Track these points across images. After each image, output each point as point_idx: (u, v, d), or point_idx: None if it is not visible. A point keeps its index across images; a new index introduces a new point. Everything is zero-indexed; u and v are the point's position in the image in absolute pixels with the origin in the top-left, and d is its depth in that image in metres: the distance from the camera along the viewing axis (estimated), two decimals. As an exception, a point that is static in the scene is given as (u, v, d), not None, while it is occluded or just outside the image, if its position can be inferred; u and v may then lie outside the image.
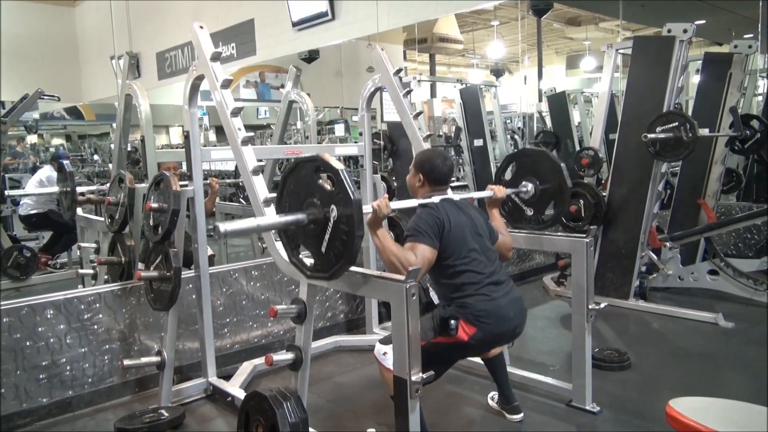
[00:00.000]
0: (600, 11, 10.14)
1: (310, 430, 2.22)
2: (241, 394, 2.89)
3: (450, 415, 2.84)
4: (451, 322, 2.25)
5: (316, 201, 1.94)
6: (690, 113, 4.80)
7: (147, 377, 3.22)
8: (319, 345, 3.71)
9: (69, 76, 10.58)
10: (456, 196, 2.54)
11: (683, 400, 1.83)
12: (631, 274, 4.46)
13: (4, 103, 8.18)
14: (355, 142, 3.80)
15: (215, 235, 1.86)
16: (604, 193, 4.60)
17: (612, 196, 4.57)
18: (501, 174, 3.20)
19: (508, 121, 9.86)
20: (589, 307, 2.75)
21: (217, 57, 2.73)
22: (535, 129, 9.13)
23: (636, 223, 4.43)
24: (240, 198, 6.84)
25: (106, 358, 3.10)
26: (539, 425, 2.71)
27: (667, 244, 4.59)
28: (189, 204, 3.01)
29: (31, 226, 6.20)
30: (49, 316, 2.92)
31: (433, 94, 9.22)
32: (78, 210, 4.26)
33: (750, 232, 5.31)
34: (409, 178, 2.59)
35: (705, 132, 4.18)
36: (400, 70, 3.40)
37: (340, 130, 10.50)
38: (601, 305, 2.81)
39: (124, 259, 3.47)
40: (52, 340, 2.93)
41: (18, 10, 9.74)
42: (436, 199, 2.44)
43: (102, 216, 4.14)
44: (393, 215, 4.05)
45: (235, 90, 9.33)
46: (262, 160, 2.60)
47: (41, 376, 2.90)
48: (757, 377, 3.19)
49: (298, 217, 1.96)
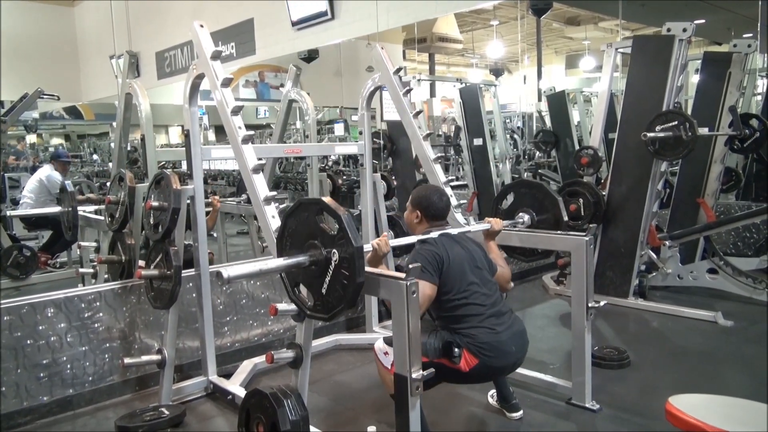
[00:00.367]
0: (599, 11, 10.16)
1: (311, 427, 2.23)
2: (241, 393, 2.89)
3: (450, 413, 2.84)
4: (455, 350, 2.27)
5: (318, 243, 1.95)
6: (689, 112, 4.81)
7: (147, 376, 3.22)
8: (319, 344, 3.71)
9: (68, 75, 10.59)
10: (454, 231, 2.55)
11: (682, 397, 1.83)
12: (630, 273, 4.47)
13: (3, 103, 8.18)
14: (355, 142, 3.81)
15: (218, 281, 1.87)
16: (604, 192, 4.60)
17: (611, 195, 4.58)
18: (498, 203, 3.23)
19: (508, 121, 9.86)
20: (589, 305, 2.76)
21: (217, 56, 2.74)
22: (534, 128, 9.15)
23: (635, 221, 4.44)
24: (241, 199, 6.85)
25: (106, 356, 3.10)
26: (539, 423, 2.72)
27: (667, 242, 4.60)
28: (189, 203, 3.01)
29: (31, 225, 6.20)
30: (49, 315, 2.92)
31: (432, 94, 9.24)
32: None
33: (749, 231, 5.32)
34: (407, 215, 2.62)
35: (704, 131, 4.18)
36: (400, 69, 3.40)
37: (339, 129, 10.51)
38: (601, 303, 2.82)
39: (125, 257, 3.47)
40: (52, 339, 2.93)
41: (18, 9, 9.74)
42: (434, 234, 2.45)
43: (102, 215, 4.14)
44: (393, 215, 4.07)
45: (235, 89, 9.33)
46: (262, 159, 2.60)
47: (42, 375, 2.90)
48: (757, 375, 3.19)
49: (300, 259, 1.97)
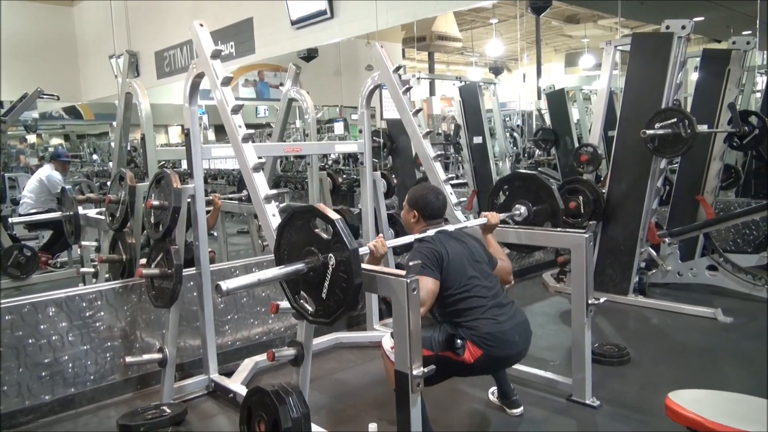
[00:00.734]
0: (598, 9, 10.16)
1: (312, 425, 2.23)
2: (242, 391, 2.90)
3: (451, 410, 2.85)
4: (458, 342, 2.28)
5: (314, 249, 1.96)
6: (688, 110, 4.82)
7: (149, 374, 3.23)
8: (320, 342, 3.71)
9: (68, 75, 10.58)
10: (450, 227, 2.56)
11: (682, 392, 1.84)
12: (630, 270, 4.48)
13: (3, 103, 8.18)
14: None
15: (217, 293, 1.87)
16: (604, 190, 4.61)
17: (611, 192, 4.59)
18: (494, 198, 3.23)
19: (507, 119, 9.87)
20: (589, 302, 2.77)
21: (217, 55, 2.74)
22: (534, 126, 9.16)
23: (635, 219, 4.45)
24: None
25: (107, 355, 3.11)
26: (540, 419, 2.73)
27: (666, 240, 4.61)
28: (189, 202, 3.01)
29: (31, 225, 6.21)
30: (51, 314, 2.93)
31: (432, 92, 9.24)
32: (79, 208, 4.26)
33: (749, 228, 5.32)
34: (404, 215, 2.63)
35: (703, 128, 4.19)
36: (399, 68, 3.40)
37: (339, 128, 10.52)
38: (601, 300, 2.82)
39: (125, 256, 3.48)
40: (54, 338, 2.94)
41: (17, 9, 9.73)
42: (431, 232, 2.47)
43: (102, 214, 4.15)
44: (393, 213, 4.08)
45: (234, 89, 9.33)
46: (262, 158, 2.60)
47: (43, 374, 2.91)
48: (756, 371, 3.20)
49: (298, 266, 1.97)
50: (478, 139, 7.02)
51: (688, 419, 1.71)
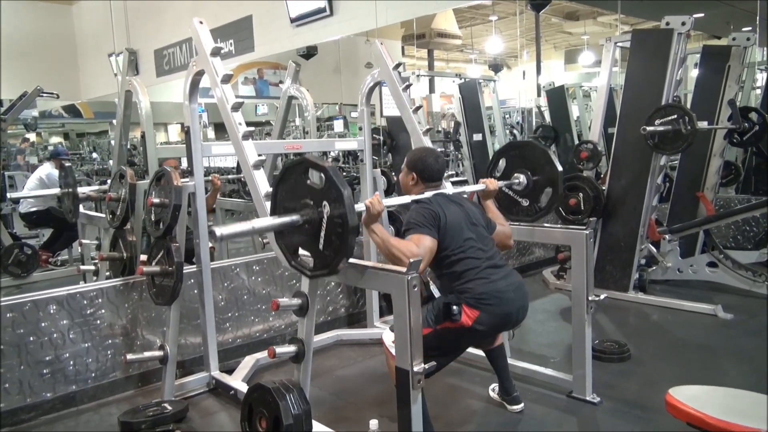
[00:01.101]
0: (598, 5, 10.15)
1: (313, 422, 2.24)
2: (243, 388, 2.91)
3: (451, 406, 2.86)
4: (453, 308, 2.28)
5: (309, 201, 1.97)
6: (688, 106, 4.81)
7: (150, 372, 3.24)
8: (321, 339, 3.72)
9: (67, 73, 10.56)
10: (449, 190, 2.56)
11: (682, 388, 1.85)
12: (630, 267, 4.48)
13: (2, 101, 8.17)
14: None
15: (212, 239, 1.88)
16: (604, 187, 4.61)
17: (611, 189, 4.59)
18: (492, 170, 3.21)
19: (507, 116, 9.87)
20: (589, 299, 2.77)
21: (217, 52, 2.74)
22: (534, 123, 9.15)
23: (635, 216, 4.45)
24: (242, 192, 6.86)
25: (109, 353, 3.11)
26: (540, 416, 2.73)
27: (667, 236, 4.61)
28: (190, 199, 3.01)
29: (32, 223, 6.21)
30: (52, 312, 2.93)
31: (431, 90, 9.22)
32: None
33: (749, 224, 5.33)
34: (402, 177, 2.63)
35: (703, 125, 4.19)
36: (399, 65, 3.40)
37: (339, 126, 10.49)
38: (601, 297, 2.83)
39: (126, 254, 3.48)
40: (55, 336, 2.94)
41: (16, 8, 9.71)
42: (428, 194, 2.47)
43: (103, 212, 4.15)
44: (393, 210, 4.08)
45: (234, 87, 9.30)
46: (262, 155, 2.61)
47: (45, 371, 2.91)
48: (756, 367, 3.21)
49: (293, 218, 1.98)
50: (478, 137, 7.02)
51: (689, 415, 1.71)
